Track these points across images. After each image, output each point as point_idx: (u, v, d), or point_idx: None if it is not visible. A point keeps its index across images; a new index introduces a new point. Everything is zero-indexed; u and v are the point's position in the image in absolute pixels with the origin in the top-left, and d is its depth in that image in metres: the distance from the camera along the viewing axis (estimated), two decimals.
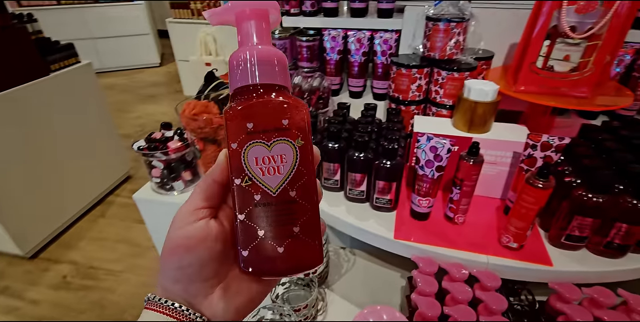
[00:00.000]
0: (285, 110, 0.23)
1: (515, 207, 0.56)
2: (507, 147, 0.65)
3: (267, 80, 0.24)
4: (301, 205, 0.23)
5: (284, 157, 0.23)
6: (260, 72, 0.24)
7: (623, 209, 0.53)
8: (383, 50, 0.90)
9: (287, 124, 0.23)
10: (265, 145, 0.23)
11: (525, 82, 0.65)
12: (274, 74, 0.24)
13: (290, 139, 0.23)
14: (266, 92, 0.24)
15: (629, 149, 0.60)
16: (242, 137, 0.23)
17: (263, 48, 0.24)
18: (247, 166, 0.23)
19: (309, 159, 0.24)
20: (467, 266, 0.58)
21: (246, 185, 0.23)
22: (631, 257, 0.58)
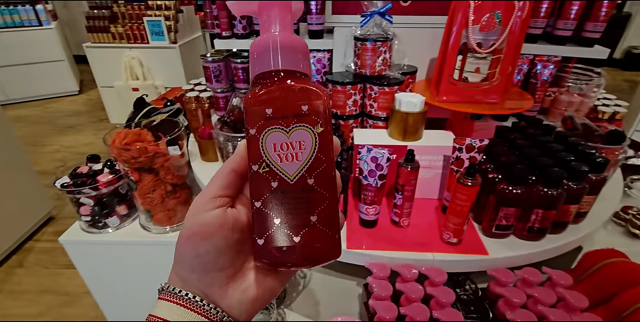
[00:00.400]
0: (305, 96, 0.23)
1: (451, 206, 0.62)
2: (438, 152, 0.71)
3: (288, 66, 0.23)
4: (319, 193, 0.23)
5: (303, 143, 0.23)
6: (282, 58, 0.23)
7: (537, 197, 0.61)
8: (317, 69, 0.94)
9: (306, 110, 0.23)
10: (284, 132, 0.23)
11: (445, 93, 0.73)
12: (296, 61, 0.24)
13: (310, 125, 0.23)
14: (287, 78, 0.23)
15: (535, 145, 0.69)
16: (261, 123, 0.23)
17: (285, 35, 0.24)
18: (265, 152, 0.23)
19: (328, 146, 0.23)
20: (416, 265, 0.62)
21: (264, 171, 0.23)
22: (549, 238, 0.66)
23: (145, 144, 0.76)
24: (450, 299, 0.56)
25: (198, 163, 0.90)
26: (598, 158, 0.64)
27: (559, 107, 0.91)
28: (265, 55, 0.23)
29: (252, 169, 0.23)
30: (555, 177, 0.59)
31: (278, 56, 0.23)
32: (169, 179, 0.79)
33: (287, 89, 0.23)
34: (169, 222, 0.81)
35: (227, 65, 0.95)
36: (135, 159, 0.75)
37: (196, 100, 0.96)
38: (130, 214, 0.85)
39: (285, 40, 0.23)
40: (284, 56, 0.23)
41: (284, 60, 0.23)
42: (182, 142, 0.82)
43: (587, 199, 0.67)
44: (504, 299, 0.59)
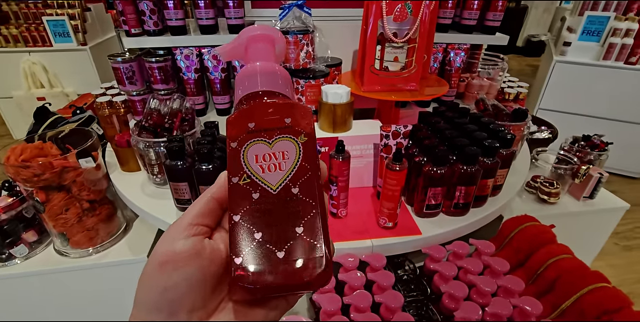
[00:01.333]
0: (288, 110, 0.23)
1: (384, 191, 0.64)
2: (367, 141, 0.73)
3: (270, 87, 0.25)
4: (305, 202, 0.21)
5: (286, 153, 0.22)
6: (263, 81, 0.25)
7: (459, 175, 0.65)
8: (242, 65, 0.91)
9: (289, 123, 0.23)
10: (266, 143, 0.23)
11: (369, 83, 0.75)
12: (277, 84, 0.25)
13: (293, 136, 0.23)
14: (269, 96, 0.24)
15: (454, 127, 0.74)
16: (243, 136, 0.23)
17: (267, 63, 0.26)
18: (247, 163, 0.22)
19: (313, 157, 0.23)
20: (357, 254, 0.63)
21: (244, 183, 0.22)
22: (473, 212, 0.72)
23: (49, 159, 0.67)
24: (390, 281, 0.58)
25: (118, 174, 0.82)
26: (506, 135, 0.71)
27: (471, 91, 0.99)
28: (248, 79, 0.25)
29: (231, 181, 0.22)
30: (472, 155, 0.64)
31: (259, 79, 0.25)
32: (84, 195, 0.71)
33: (270, 104, 0.24)
34: (90, 243, 0.73)
35: (141, 65, 0.88)
36: (39, 177, 0.66)
37: (109, 105, 0.87)
38: (41, 240, 0.75)
39: (267, 66, 0.26)
40: (265, 79, 0.25)
41: (265, 82, 0.25)
42: (97, 153, 0.74)
43: (500, 172, 0.74)
44: (439, 273, 0.63)
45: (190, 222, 0.22)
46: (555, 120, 1.20)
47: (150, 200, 0.74)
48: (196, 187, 0.65)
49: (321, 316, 0.56)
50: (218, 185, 0.23)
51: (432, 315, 0.59)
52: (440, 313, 0.59)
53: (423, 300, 0.62)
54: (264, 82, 0.25)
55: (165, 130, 0.71)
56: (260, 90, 0.25)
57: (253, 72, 0.25)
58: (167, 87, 0.87)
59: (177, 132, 0.71)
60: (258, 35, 0.27)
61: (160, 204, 0.72)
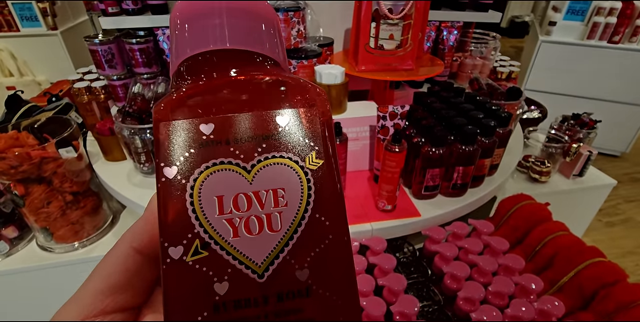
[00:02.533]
0: (281, 97, 0.13)
1: (382, 174, 0.62)
2: (363, 123, 0.71)
3: (242, 44, 0.13)
4: (323, 301, 0.12)
5: (283, 194, 0.12)
6: (232, 27, 0.13)
7: (457, 155, 0.64)
8: None
9: (287, 126, 0.13)
10: (241, 171, 0.12)
11: (364, 62, 0.72)
12: (258, 35, 0.13)
13: (296, 155, 0.13)
14: (242, 64, 0.13)
15: (451, 107, 0.73)
16: (191, 154, 0.12)
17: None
18: (200, 216, 0.12)
19: (334, 195, 0.13)
20: (357, 238, 0.62)
21: (196, 260, 0.12)
22: (471, 192, 0.72)
23: (27, 149, 0.63)
24: (392, 264, 0.58)
25: (102, 164, 0.78)
26: (503, 113, 0.70)
27: (465, 70, 0.97)
28: (199, 25, 0.13)
29: (169, 255, 0.12)
30: (470, 134, 0.63)
31: (221, 25, 0.13)
32: (66, 187, 0.67)
33: (246, 83, 0.13)
34: (75, 237, 0.70)
35: (121, 47, 0.82)
36: (16, 169, 0.62)
37: (88, 91, 0.81)
38: (22, 236, 0.71)
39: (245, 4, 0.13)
40: (236, 25, 0.13)
41: (235, 32, 0.13)
42: (77, 142, 0.69)
43: (497, 152, 0.73)
44: (439, 254, 0.63)
45: (92, 302, 0.13)
46: (541, 101, 1.21)
47: (138, 190, 0.70)
48: None
49: None
50: (145, 223, 0.13)
51: (434, 296, 0.59)
52: (442, 294, 0.59)
53: (424, 281, 0.62)
54: (233, 31, 0.13)
55: (151, 116, 0.67)
56: (225, 49, 0.13)
57: (210, 6, 0.13)
58: (150, 71, 0.82)
59: None
60: None
61: (149, 194, 0.68)
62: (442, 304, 0.58)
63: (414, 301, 0.52)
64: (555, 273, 0.61)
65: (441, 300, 0.58)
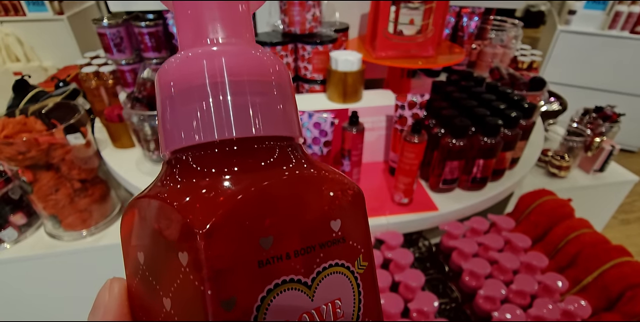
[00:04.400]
0: (328, 197, 0.12)
1: (400, 165, 0.60)
2: (380, 112, 0.68)
3: (270, 129, 0.11)
4: None
5: (339, 305, 0.11)
6: (256, 111, 0.11)
7: (478, 147, 0.61)
8: None
9: (339, 230, 0.12)
10: (303, 288, 0.11)
11: (382, 48, 0.69)
12: (286, 117, 0.12)
13: (348, 261, 0.12)
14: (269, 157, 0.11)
15: (471, 97, 0.69)
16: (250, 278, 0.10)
17: (243, 49, 0.11)
18: None
19: (377, 300, 0.12)
20: (372, 232, 0.60)
21: None
22: (490, 186, 0.69)
23: (35, 135, 0.61)
24: (408, 260, 0.56)
25: (110, 151, 0.76)
26: (526, 104, 0.66)
27: (485, 59, 0.93)
28: (199, 104, 0.11)
29: None
30: (493, 125, 0.60)
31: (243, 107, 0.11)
32: (74, 174, 0.66)
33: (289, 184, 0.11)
34: (83, 225, 0.68)
35: (129, 30, 0.79)
36: (24, 155, 0.60)
37: (96, 76, 0.79)
38: (31, 223, 0.70)
39: (247, 60, 0.11)
40: (257, 103, 0.11)
41: (261, 115, 0.11)
42: (85, 128, 0.67)
43: (519, 144, 0.70)
44: (457, 250, 0.60)
45: None
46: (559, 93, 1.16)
47: (147, 178, 0.69)
48: None
49: None
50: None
51: (451, 293, 0.57)
52: (460, 291, 0.57)
53: (441, 278, 0.60)
54: (256, 115, 0.11)
55: None
56: (256, 136, 0.11)
57: (209, 78, 0.11)
58: (159, 56, 0.80)
59: None
60: None
61: None
62: (460, 301, 0.56)
63: (432, 298, 0.50)
64: (579, 272, 0.58)
65: (459, 298, 0.56)
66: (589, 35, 1.88)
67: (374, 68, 0.79)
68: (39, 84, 1.01)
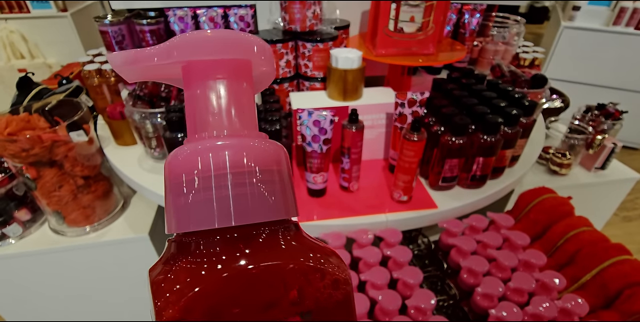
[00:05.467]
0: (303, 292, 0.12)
1: (399, 163, 0.60)
2: (380, 110, 0.68)
3: (266, 215, 0.12)
4: None
5: None
6: (254, 201, 0.12)
7: (478, 145, 0.61)
8: (241, 28, 0.83)
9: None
10: None
11: (383, 46, 0.69)
12: (280, 201, 0.13)
13: None
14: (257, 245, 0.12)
15: (471, 94, 0.69)
16: None
17: (247, 143, 0.13)
18: None
19: None
20: (371, 229, 0.61)
21: None
22: (490, 184, 0.69)
23: (38, 132, 0.62)
24: (407, 257, 0.56)
25: (112, 149, 0.77)
26: (527, 102, 0.66)
27: (486, 56, 0.93)
28: (203, 194, 0.12)
29: None
30: (494, 123, 0.60)
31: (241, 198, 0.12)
32: (77, 171, 0.67)
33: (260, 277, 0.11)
34: (86, 221, 0.69)
35: (131, 28, 0.80)
36: (27, 152, 0.61)
37: (98, 74, 0.80)
38: (35, 219, 0.71)
39: (255, 154, 0.12)
40: (255, 195, 0.12)
41: (258, 204, 0.12)
42: (88, 125, 0.68)
43: (520, 142, 0.70)
44: (456, 248, 0.61)
45: None
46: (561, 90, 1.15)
47: (148, 175, 0.69)
48: None
49: None
50: None
51: (449, 290, 0.58)
52: (458, 288, 0.58)
53: (439, 275, 0.60)
54: (254, 204, 0.12)
55: (162, 100, 0.65)
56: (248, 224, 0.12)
57: (213, 173, 0.12)
58: None
59: (175, 101, 0.66)
60: (217, 62, 0.13)
61: (160, 179, 0.67)
62: (458, 299, 0.56)
63: (430, 295, 0.50)
64: (577, 270, 0.58)
65: (457, 295, 0.57)
66: (593, 32, 1.87)
67: (375, 66, 0.79)
68: (43, 81, 1.01)
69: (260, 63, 0.14)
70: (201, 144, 0.12)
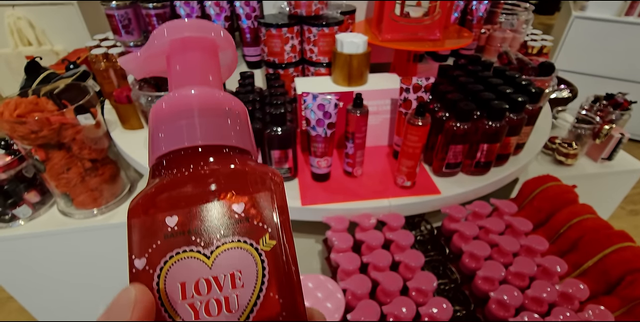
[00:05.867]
0: (240, 185, 0.14)
1: (403, 148, 0.60)
2: (385, 96, 0.68)
3: (212, 139, 0.15)
4: None
5: (239, 276, 0.13)
6: (202, 126, 0.15)
7: (483, 131, 0.61)
8: (247, 13, 0.83)
9: (243, 212, 0.14)
10: (202, 257, 0.13)
11: (388, 31, 0.68)
12: (225, 130, 0.15)
13: (251, 238, 0.14)
14: (207, 157, 0.15)
15: (477, 81, 0.69)
16: (157, 246, 0.13)
17: (204, 90, 0.16)
18: (166, 302, 0.13)
19: (288, 276, 0.13)
20: (374, 213, 0.61)
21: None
22: (494, 171, 0.69)
23: (47, 114, 0.63)
24: (409, 241, 0.57)
25: (119, 133, 0.78)
26: (534, 89, 0.66)
27: (493, 43, 0.92)
28: (173, 124, 0.15)
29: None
30: (499, 109, 0.59)
31: (191, 123, 0.15)
32: (85, 154, 0.67)
33: (205, 176, 0.14)
34: (94, 203, 0.70)
35: (137, 12, 0.80)
36: (36, 134, 0.62)
37: (105, 58, 0.80)
38: (44, 201, 0.72)
39: (206, 97, 0.15)
40: (204, 123, 0.15)
41: (205, 129, 0.15)
42: (95, 109, 0.69)
43: (525, 130, 0.70)
44: (458, 233, 0.61)
45: None
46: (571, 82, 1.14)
47: None
48: None
49: (339, 274, 0.55)
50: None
51: (451, 274, 0.58)
52: (459, 272, 0.58)
53: (441, 260, 0.61)
54: (204, 129, 0.15)
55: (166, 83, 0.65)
56: (197, 145, 0.15)
57: (183, 108, 0.15)
58: None
59: None
60: (187, 39, 0.17)
61: None
62: (459, 282, 0.57)
63: (431, 277, 0.51)
64: (579, 257, 0.59)
65: (458, 279, 0.57)
66: (605, 22, 1.83)
67: (380, 52, 0.79)
68: (51, 66, 1.02)
69: (223, 44, 0.18)
70: (176, 92, 0.16)
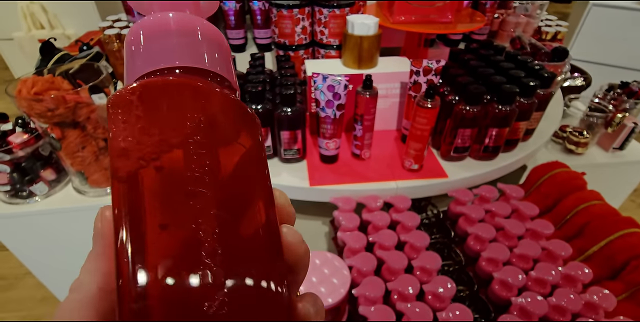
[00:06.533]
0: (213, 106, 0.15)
1: (412, 131, 0.60)
2: (395, 79, 0.68)
3: (194, 62, 0.15)
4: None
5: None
6: (182, 47, 0.15)
7: (493, 115, 0.61)
8: None
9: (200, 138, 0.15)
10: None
11: (400, 13, 0.68)
12: (200, 54, 0.16)
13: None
14: (192, 76, 0.15)
15: (489, 65, 0.68)
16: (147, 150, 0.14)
17: (186, 15, 0.16)
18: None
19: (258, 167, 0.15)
20: (381, 195, 0.62)
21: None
22: (502, 156, 0.69)
23: (62, 93, 0.64)
24: (415, 222, 0.57)
25: None
26: (546, 73, 0.65)
27: (507, 28, 0.90)
28: (150, 44, 0.15)
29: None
30: (509, 93, 0.59)
31: (169, 43, 0.15)
32: (99, 133, 0.69)
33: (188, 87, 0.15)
34: (107, 182, 0.72)
35: None
36: (52, 112, 0.63)
37: (118, 39, 0.81)
38: (60, 179, 0.74)
39: (188, 20, 0.16)
40: (181, 44, 0.15)
41: (187, 52, 0.15)
42: (109, 90, 0.70)
43: (535, 115, 0.69)
44: (464, 216, 0.62)
45: None
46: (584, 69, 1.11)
47: None
48: None
49: (345, 253, 0.56)
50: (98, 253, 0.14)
51: (456, 256, 0.59)
52: (464, 255, 0.59)
53: (446, 242, 0.61)
54: (183, 51, 0.15)
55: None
56: (178, 65, 0.15)
57: (160, 29, 0.15)
58: None
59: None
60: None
61: None
62: (463, 264, 0.57)
63: (436, 257, 0.52)
64: (585, 242, 0.59)
65: (463, 261, 0.58)
66: (623, 10, 1.77)
67: (391, 35, 0.78)
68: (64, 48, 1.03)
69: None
70: (151, 18, 0.16)
